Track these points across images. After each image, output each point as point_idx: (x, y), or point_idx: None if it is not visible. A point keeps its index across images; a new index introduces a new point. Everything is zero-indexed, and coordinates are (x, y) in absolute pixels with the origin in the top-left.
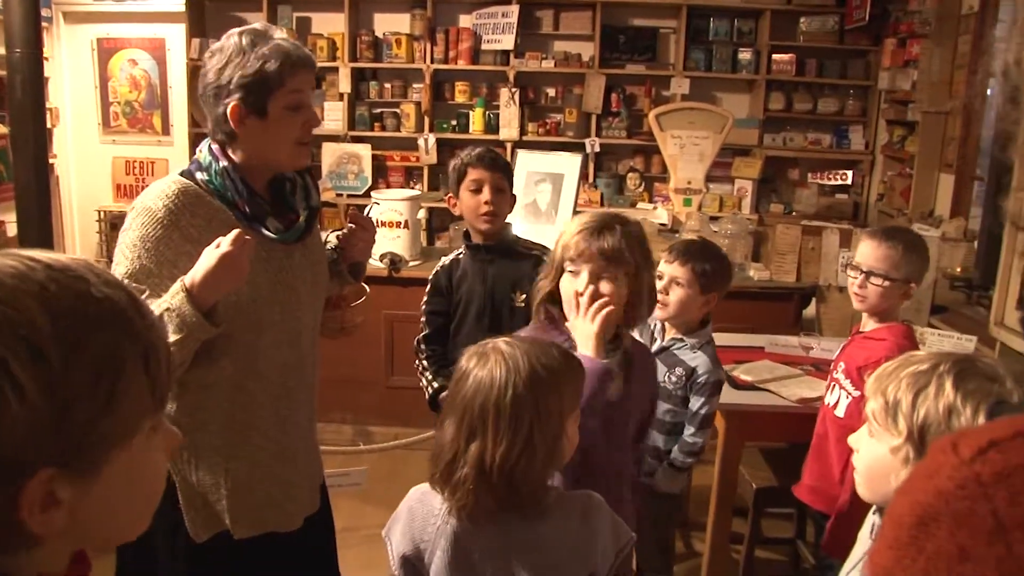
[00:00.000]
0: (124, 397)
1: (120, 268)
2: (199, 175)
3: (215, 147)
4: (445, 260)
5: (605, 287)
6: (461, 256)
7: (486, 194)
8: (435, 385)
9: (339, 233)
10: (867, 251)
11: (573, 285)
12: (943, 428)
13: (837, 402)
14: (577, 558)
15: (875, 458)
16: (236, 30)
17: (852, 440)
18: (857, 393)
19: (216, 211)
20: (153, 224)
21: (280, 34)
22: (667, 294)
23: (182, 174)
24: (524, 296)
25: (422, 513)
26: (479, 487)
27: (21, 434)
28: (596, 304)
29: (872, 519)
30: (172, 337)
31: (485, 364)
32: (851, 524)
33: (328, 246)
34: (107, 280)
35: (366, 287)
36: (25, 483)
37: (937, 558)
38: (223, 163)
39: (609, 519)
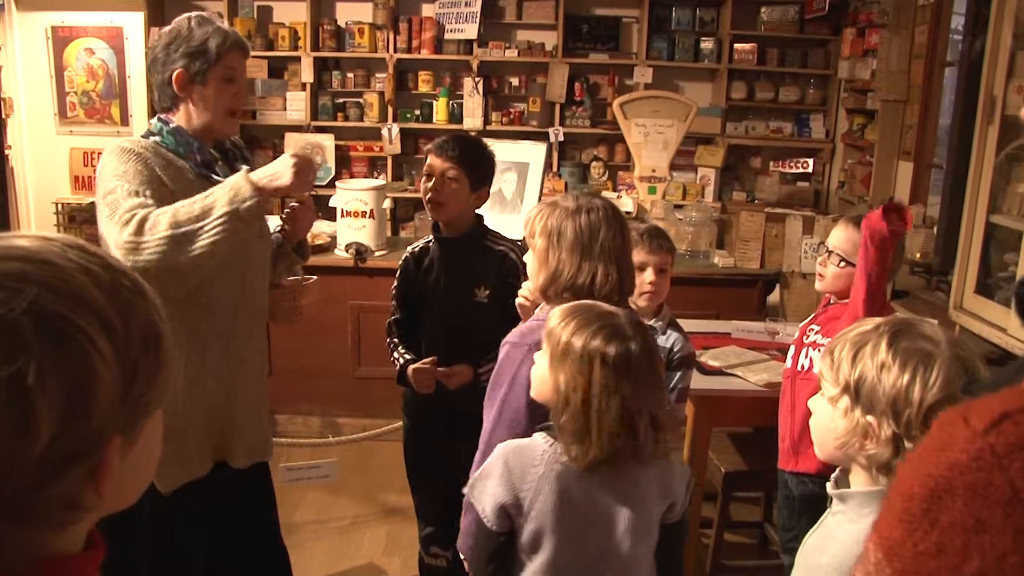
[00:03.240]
0: (167, 361)
1: (114, 194)
2: (152, 138)
3: (162, 116)
4: (415, 246)
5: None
6: (431, 244)
7: (433, 182)
8: (407, 357)
9: (282, 215)
10: (837, 233)
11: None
12: (875, 382)
13: (811, 363)
14: (663, 494)
15: (823, 414)
16: (187, 15)
17: (811, 403)
18: (826, 342)
19: (172, 161)
20: (129, 157)
21: (222, 23)
22: (653, 284)
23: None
24: (488, 292)
25: (520, 464)
26: (624, 432)
27: (109, 402)
28: None
29: (835, 507)
30: (219, 210)
31: (616, 324)
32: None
33: (272, 230)
34: (110, 254)
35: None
36: (104, 451)
37: (952, 530)
38: (172, 125)
39: (679, 457)
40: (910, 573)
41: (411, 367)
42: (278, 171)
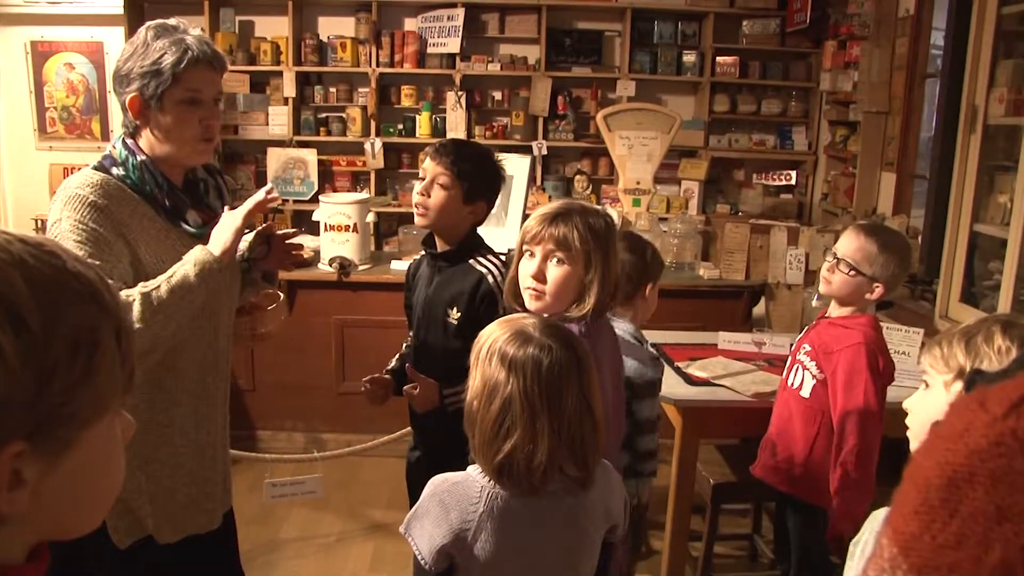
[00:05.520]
0: (99, 372)
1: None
2: (115, 170)
3: (129, 142)
4: (418, 256)
5: (552, 271)
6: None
7: (422, 185)
8: (388, 367)
9: (262, 238)
10: (846, 240)
11: (527, 267)
12: (995, 365)
13: (802, 383)
14: (606, 517)
15: (931, 405)
16: (148, 23)
17: (907, 404)
18: (822, 376)
19: (136, 205)
20: (86, 208)
21: (193, 31)
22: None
23: (96, 168)
24: (459, 315)
25: (458, 502)
26: (555, 460)
27: (1, 402)
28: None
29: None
30: (193, 292)
31: (529, 346)
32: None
33: (238, 254)
34: (76, 257)
35: (280, 293)
36: None
37: (973, 520)
38: (141, 157)
39: (616, 476)
40: (929, 567)
41: (367, 376)
42: (224, 235)
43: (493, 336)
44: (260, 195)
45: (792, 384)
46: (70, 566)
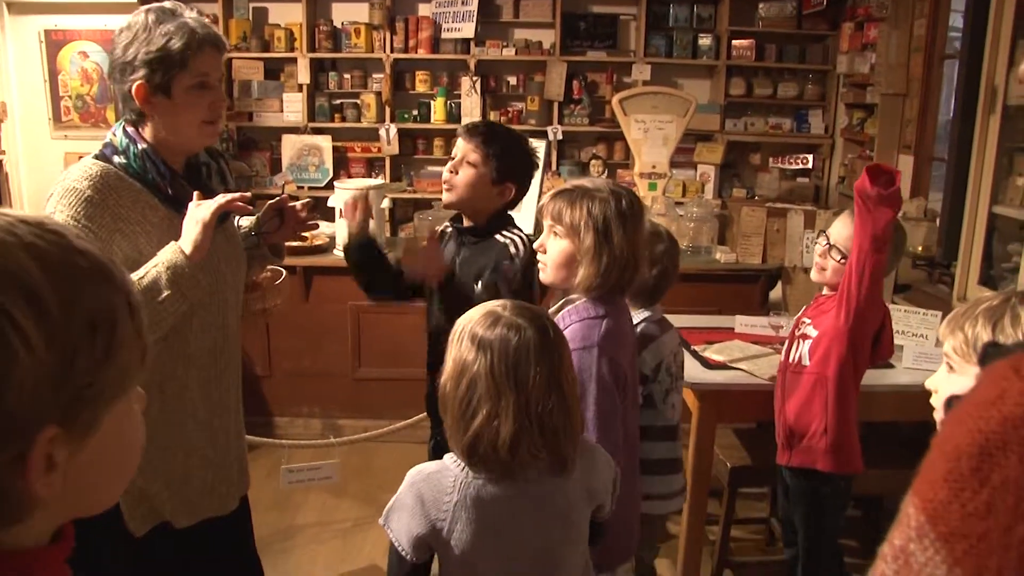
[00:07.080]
0: (120, 349)
1: None
2: (116, 159)
3: (130, 129)
4: (444, 226)
5: (551, 244)
6: (450, 229)
7: (451, 163)
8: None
9: (269, 213)
10: (839, 226)
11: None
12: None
13: (802, 354)
14: (588, 497)
15: (961, 389)
16: (145, 7)
17: (930, 383)
18: (816, 333)
19: (138, 193)
20: (81, 203)
21: (190, 13)
22: None
23: (97, 158)
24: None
25: (432, 492)
26: (521, 438)
27: (30, 388)
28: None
29: None
30: (164, 294)
31: (498, 326)
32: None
33: (242, 230)
34: (78, 235)
35: (282, 270)
36: (32, 443)
37: (1004, 489)
38: (142, 145)
39: (602, 455)
40: (957, 536)
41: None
42: (192, 232)
43: (467, 319)
44: (235, 195)
45: (792, 359)
46: (86, 557)
